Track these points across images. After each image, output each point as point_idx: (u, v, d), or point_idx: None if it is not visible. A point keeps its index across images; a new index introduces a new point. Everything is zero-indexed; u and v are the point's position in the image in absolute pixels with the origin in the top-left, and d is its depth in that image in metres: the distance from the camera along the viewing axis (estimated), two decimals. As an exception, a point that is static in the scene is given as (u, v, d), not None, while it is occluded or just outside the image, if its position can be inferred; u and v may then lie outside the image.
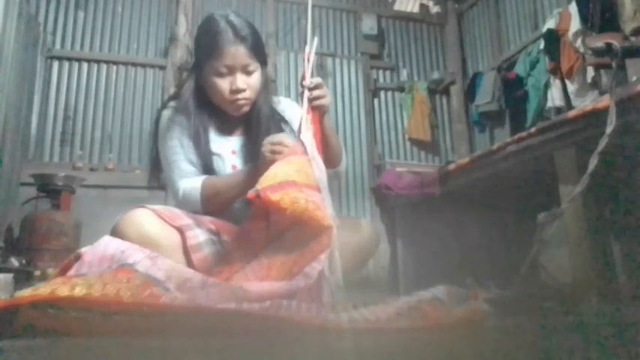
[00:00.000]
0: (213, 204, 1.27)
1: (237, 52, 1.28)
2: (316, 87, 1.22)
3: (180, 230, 1.15)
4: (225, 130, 1.40)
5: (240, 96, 1.31)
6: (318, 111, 1.24)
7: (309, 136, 1.16)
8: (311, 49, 1.30)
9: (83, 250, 1.05)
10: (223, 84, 1.30)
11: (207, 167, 1.33)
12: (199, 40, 1.35)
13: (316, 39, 1.34)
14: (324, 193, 1.09)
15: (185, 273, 1.01)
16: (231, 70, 1.29)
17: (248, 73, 1.31)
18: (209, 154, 1.34)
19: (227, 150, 1.37)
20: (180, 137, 1.33)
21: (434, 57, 6.24)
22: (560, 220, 1.39)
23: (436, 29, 6.32)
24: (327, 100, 1.24)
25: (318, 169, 1.13)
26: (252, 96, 1.34)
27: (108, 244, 1.05)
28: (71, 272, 1.00)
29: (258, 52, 1.33)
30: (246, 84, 1.31)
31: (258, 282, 1.02)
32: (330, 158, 1.30)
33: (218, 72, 1.29)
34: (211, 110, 1.37)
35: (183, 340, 0.80)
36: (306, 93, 1.21)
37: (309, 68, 1.26)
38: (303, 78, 1.24)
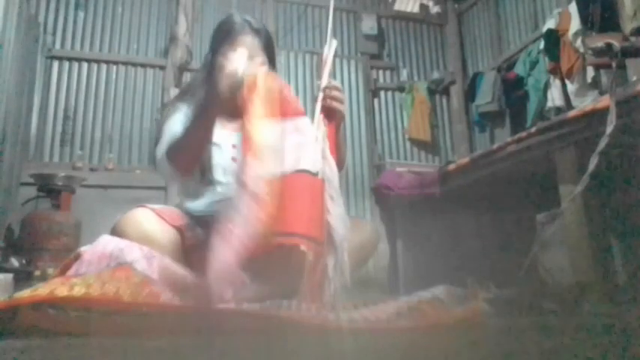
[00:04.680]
0: (180, 160, 1.24)
1: (251, 41, 1.33)
2: (334, 88, 1.24)
3: (180, 230, 1.16)
4: (228, 125, 1.40)
5: None
6: (336, 117, 1.24)
7: (320, 136, 1.17)
8: (329, 52, 1.33)
9: (83, 249, 1.05)
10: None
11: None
12: (215, 34, 1.39)
13: (335, 42, 1.37)
14: (332, 192, 1.10)
15: (179, 274, 1.01)
16: None
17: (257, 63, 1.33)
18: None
19: (227, 142, 1.37)
20: (181, 117, 1.33)
21: (434, 57, 6.23)
22: (560, 220, 1.39)
23: (436, 29, 6.31)
24: (342, 107, 1.25)
25: (330, 171, 1.14)
26: None
27: (107, 243, 1.05)
28: (71, 272, 1.00)
29: (269, 48, 1.38)
30: None
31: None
32: (337, 163, 1.31)
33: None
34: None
35: (183, 340, 0.80)
36: (321, 94, 1.24)
37: (326, 70, 1.29)
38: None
